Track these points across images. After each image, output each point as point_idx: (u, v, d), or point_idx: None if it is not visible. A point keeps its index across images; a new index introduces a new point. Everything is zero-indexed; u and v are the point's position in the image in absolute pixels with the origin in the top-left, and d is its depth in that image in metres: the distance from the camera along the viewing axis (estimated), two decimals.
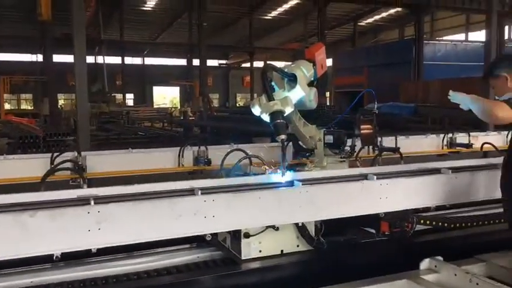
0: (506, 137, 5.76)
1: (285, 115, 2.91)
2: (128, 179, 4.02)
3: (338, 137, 3.53)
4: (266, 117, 2.90)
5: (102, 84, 27.85)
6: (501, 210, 3.62)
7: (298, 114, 3.49)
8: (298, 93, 3.07)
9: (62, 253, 2.19)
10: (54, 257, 2.16)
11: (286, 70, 3.18)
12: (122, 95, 34.84)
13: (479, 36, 30.36)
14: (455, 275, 2.76)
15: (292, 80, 3.11)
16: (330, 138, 3.53)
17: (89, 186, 2.92)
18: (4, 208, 2.06)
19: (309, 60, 3.42)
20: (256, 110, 2.99)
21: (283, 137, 2.82)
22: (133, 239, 2.29)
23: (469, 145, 5.32)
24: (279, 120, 2.82)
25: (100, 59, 29.46)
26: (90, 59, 27.85)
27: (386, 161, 4.15)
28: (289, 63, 3.45)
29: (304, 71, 3.24)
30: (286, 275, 2.87)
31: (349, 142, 3.66)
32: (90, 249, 2.24)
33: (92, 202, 2.16)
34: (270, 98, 2.88)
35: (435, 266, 2.89)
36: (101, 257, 2.79)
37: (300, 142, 3.66)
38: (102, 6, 25.59)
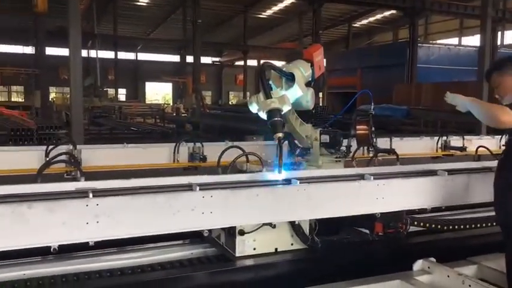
0: (500, 141, 5.82)
1: (282, 113, 2.91)
2: (123, 173, 3.99)
3: (334, 136, 3.54)
4: (263, 115, 2.90)
5: (94, 79, 27.63)
6: (494, 213, 3.67)
7: (295, 114, 3.50)
8: (295, 93, 3.08)
9: (60, 245, 2.17)
10: (52, 249, 2.15)
11: (284, 69, 3.18)
12: (114, 89, 34.64)
13: (472, 40, 30.62)
14: (448, 276, 2.80)
15: (290, 79, 3.11)
16: (326, 138, 3.53)
17: (85, 180, 2.90)
18: (1, 199, 2.04)
19: (307, 60, 3.43)
20: (253, 108, 2.99)
21: (280, 135, 2.83)
22: (131, 233, 2.28)
23: (463, 148, 5.37)
24: (276, 118, 2.82)
25: (93, 53, 29.23)
26: (83, 53, 27.69)
27: (382, 162, 4.18)
28: (286, 62, 3.45)
29: (302, 71, 3.25)
30: (279, 273, 2.88)
31: (344, 142, 3.67)
32: (88, 242, 2.22)
33: (91, 195, 2.15)
34: (268, 96, 2.89)
35: (428, 267, 2.92)
36: (95, 250, 2.78)
37: (295, 141, 3.67)
38: (96, 0, 25.38)
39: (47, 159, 3.61)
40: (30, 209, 2.04)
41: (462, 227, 3.24)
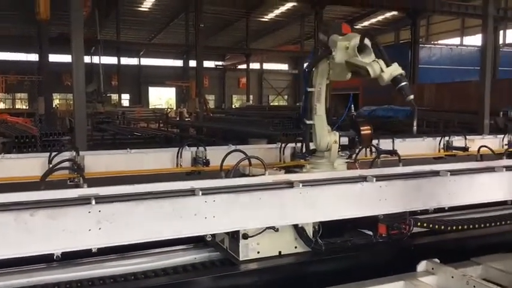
0: (502, 140, 5.80)
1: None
2: (126, 179, 4.01)
3: (352, 139, 3.57)
4: (383, 82, 2.90)
5: (97, 84, 27.74)
6: (497, 212, 3.66)
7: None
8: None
9: (62, 253, 2.18)
10: (55, 257, 2.16)
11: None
12: (117, 95, 34.77)
13: (474, 40, 30.55)
14: (452, 277, 2.79)
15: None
16: (345, 140, 3.55)
17: (88, 187, 2.91)
18: (4, 207, 2.05)
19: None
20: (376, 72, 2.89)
21: (411, 97, 2.91)
22: (134, 239, 2.29)
23: (465, 148, 5.35)
24: (405, 82, 2.89)
25: (96, 59, 29.37)
26: (86, 59, 27.80)
27: (384, 164, 4.17)
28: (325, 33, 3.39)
29: None
30: (283, 276, 2.87)
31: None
32: (91, 249, 2.23)
33: (93, 201, 2.15)
34: (388, 64, 2.87)
35: (432, 268, 2.91)
36: (99, 257, 2.78)
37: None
38: (98, 6, 25.52)
39: (50, 166, 3.62)
40: (33, 217, 2.05)
41: (466, 227, 3.22)
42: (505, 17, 25.48)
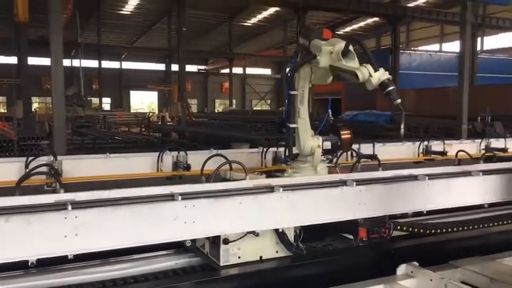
0: (479, 145, 5.91)
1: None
2: (105, 184, 3.95)
3: (335, 143, 3.59)
4: (371, 86, 2.94)
5: (78, 88, 27.37)
6: (474, 216, 3.73)
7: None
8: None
9: (38, 259, 2.13)
10: (30, 263, 2.11)
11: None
12: (98, 99, 34.37)
13: (453, 47, 31.15)
14: (431, 280, 2.82)
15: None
16: (327, 145, 3.56)
17: (65, 191, 2.86)
18: None
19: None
20: (363, 77, 2.94)
21: (399, 101, 2.95)
22: (112, 245, 2.25)
23: (444, 153, 5.43)
24: (393, 87, 2.94)
25: (76, 62, 28.99)
26: (66, 62, 27.41)
27: (365, 168, 4.21)
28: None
29: None
30: (264, 281, 2.86)
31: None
32: (67, 256, 2.19)
33: (69, 207, 2.11)
34: (376, 69, 2.92)
35: (411, 272, 2.93)
36: (77, 263, 2.73)
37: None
38: (79, 9, 25.22)
39: (27, 170, 3.55)
40: (8, 222, 2.00)
41: (444, 230, 3.26)
42: (483, 24, 26.07)
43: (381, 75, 2.92)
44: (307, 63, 3.36)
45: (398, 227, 3.09)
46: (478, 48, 30.86)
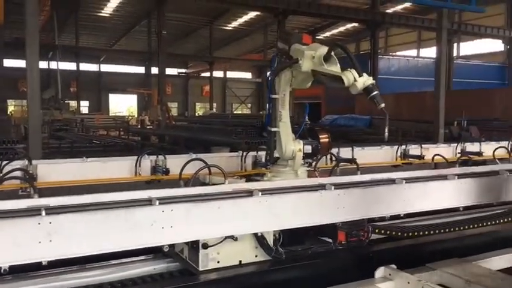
0: (456, 149, 6.03)
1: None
2: (81, 188, 3.88)
3: (316, 147, 3.61)
4: (356, 91, 2.97)
5: (55, 91, 26.93)
6: (450, 219, 3.79)
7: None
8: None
9: (10, 266, 2.08)
10: (2, 270, 2.05)
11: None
12: (76, 102, 33.85)
13: (430, 52, 31.74)
14: (408, 283, 2.85)
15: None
16: (308, 149, 3.57)
17: (40, 196, 2.80)
18: None
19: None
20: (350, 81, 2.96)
21: (383, 105, 3.02)
22: (87, 251, 2.20)
23: (421, 156, 5.52)
24: (377, 92, 2.99)
25: (54, 65, 28.51)
26: (43, 65, 26.96)
27: (343, 172, 4.24)
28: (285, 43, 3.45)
29: None
30: (244, 285, 2.85)
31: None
32: (41, 262, 2.13)
33: (43, 213, 2.06)
34: (360, 73, 2.95)
35: (389, 274, 2.96)
36: (52, 270, 2.67)
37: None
38: (57, 11, 24.85)
39: (0, 175, 3.46)
40: None
41: (422, 233, 3.30)
42: (459, 31, 26.64)
43: (366, 80, 2.97)
44: (288, 67, 3.38)
45: (377, 230, 3.11)
46: (455, 54, 31.52)
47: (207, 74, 40.20)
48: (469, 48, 34.40)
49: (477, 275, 2.99)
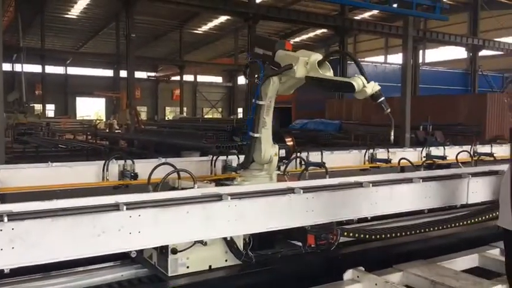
0: (421, 153, 6.19)
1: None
2: (47, 194, 3.76)
3: (288, 151, 3.67)
4: (363, 96, 3.02)
5: (19, 94, 26.10)
6: (415, 221, 3.89)
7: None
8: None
9: None
10: None
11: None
12: (41, 105, 32.94)
13: (397, 58, 32.50)
14: (376, 284, 2.91)
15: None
16: (282, 152, 3.63)
17: (2, 203, 2.71)
18: None
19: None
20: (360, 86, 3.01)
21: (389, 110, 3.07)
22: (51, 258, 2.14)
23: (388, 160, 5.63)
24: (383, 98, 3.04)
25: (18, 67, 27.66)
26: (7, 67, 26.14)
27: (312, 176, 4.28)
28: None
29: None
30: None
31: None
32: (3, 270, 2.06)
33: (5, 219, 2.00)
34: (368, 80, 3.00)
35: (358, 277, 3.02)
36: (15, 278, 2.59)
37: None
38: (21, 12, 24.16)
39: None
40: None
41: (389, 235, 3.38)
42: (424, 38, 27.39)
43: (373, 86, 3.03)
44: (274, 74, 3.37)
45: (345, 233, 3.16)
46: (420, 60, 32.39)
47: (177, 78, 39.90)
48: (434, 55, 35.44)
49: (442, 275, 3.08)
